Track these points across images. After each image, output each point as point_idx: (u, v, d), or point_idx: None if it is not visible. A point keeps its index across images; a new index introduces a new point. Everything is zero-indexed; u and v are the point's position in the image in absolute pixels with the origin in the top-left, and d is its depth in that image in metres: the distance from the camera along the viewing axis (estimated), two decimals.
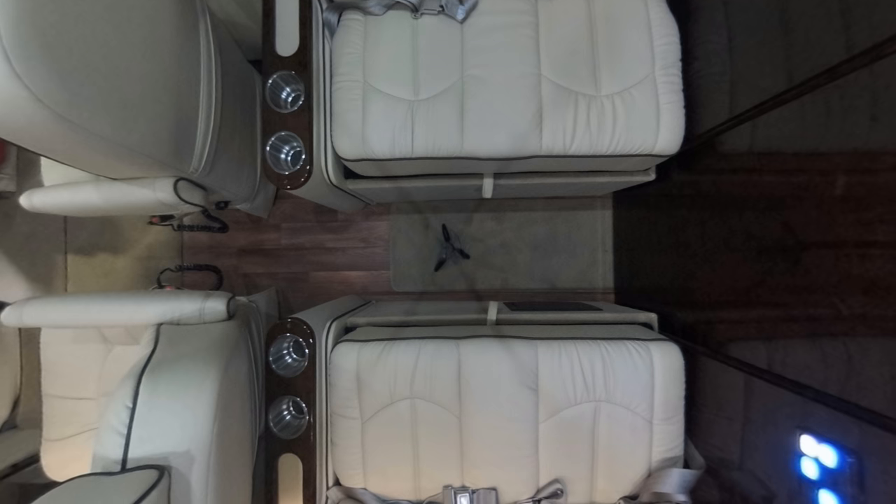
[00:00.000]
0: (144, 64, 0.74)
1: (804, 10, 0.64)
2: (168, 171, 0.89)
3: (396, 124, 0.91)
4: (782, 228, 0.69)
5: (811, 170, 0.64)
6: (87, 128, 0.63)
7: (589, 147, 0.91)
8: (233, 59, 1.11)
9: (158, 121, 0.79)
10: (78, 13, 0.59)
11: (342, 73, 0.93)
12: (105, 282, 1.55)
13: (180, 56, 0.84)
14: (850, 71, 0.56)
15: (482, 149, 0.91)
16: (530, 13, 0.92)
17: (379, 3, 0.93)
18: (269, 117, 0.89)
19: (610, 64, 0.91)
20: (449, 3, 0.92)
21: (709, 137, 0.88)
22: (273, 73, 0.89)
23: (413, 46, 0.93)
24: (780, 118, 0.70)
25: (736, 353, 0.81)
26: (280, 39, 0.90)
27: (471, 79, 0.91)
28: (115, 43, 0.67)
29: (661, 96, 0.90)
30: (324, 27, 0.96)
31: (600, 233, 1.45)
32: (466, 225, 1.48)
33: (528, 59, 0.90)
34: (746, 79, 0.77)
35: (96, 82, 0.63)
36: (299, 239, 1.53)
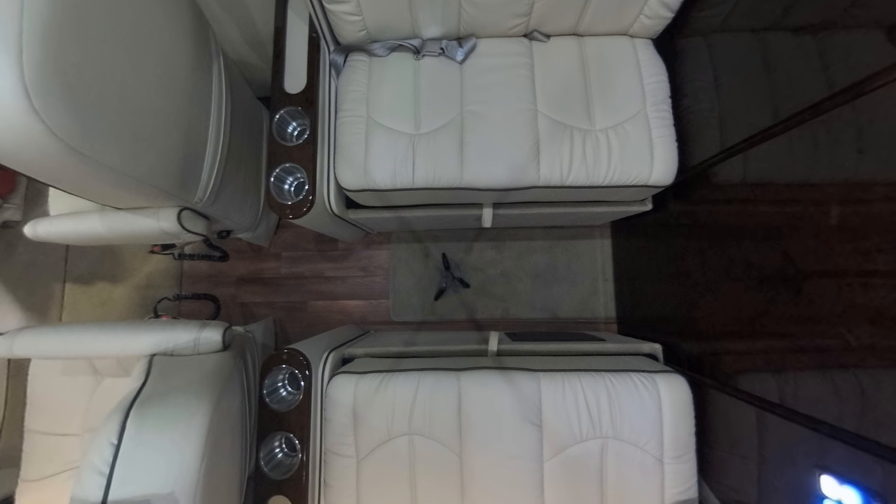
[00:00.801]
0: (158, 100, 0.77)
1: (783, 52, 0.68)
2: (173, 200, 0.91)
3: (398, 156, 0.93)
4: (782, 258, 0.69)
5: (805, 200, 0.65)
6: (97, 159, 0.65)
7: (586, 178, 0.93)
8: (242, 95, 1.17)
9: (167, 153, 0.82)
10: (99, 54, 0.63)
11: (347, 109, 0.97)
12: (101, 311, 1.53)
13: (193, 93, 0.88)
14: (833, 107, 0.59)
15: (481, 179, 0.93)
16: (526, 55, 0.98)
17: (383, 45, 0.99)
18: (274, 150, 0.92)
19: (603, 100, 0.96)
20: (449, 46, 0.97)
21: (702, 169, 0.91)
22: (280, 109, 0.93)
23: (415, 85, 0.98)
24: (769, 151, 0.72)
25: (745, 386, 0.78)
26: (289, 78, 0.95)
27: (470, 114, 0.94)
28: (132, 81, 0.70)
29: (654, 130, 0.93)
30: (330, 67, 1.02)
31: (600, 262, 1.45)
32: (466, 254, 1.48)
33: (524, 95, 0.95)
34: (734, 114, 0.81)
35: (110, 116, 0.66)
36: (299, 268, 1.53)
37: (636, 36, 0.98)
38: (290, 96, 0.94)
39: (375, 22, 0.93)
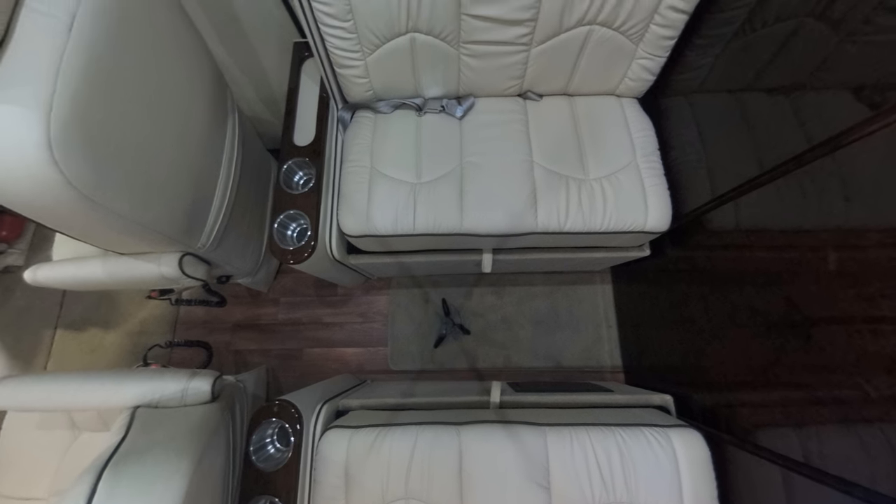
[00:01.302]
0: (173, 152, 0.81)
1: (760, 110, 0.73)
2: (176, 246, 0.92)
3: (400, 203, 0.96)
4: (786, 304, 0.68)
5: (801, 246, 0.65)
6: (108, 207, 0.66)
7: (583, 224, 0.95)
8: (253, 147, 1.23)
9: (176, 200, 0.84)
10: (123, 112, 0.67)
11: (351, 160, 1.02)
12: (89, 359, 1.48)
13: (207, 146, 0.93)
14: (814, 159, 0.62)
15: (481, 225, 0.95)
16: (520, 112, 1.05)
17: (388, 103, 1.06)
18: (280, 197, 0.95)
19: (595, 152, 1.01)
20: (449, 104, 1.05)
21: (696, 216, 0.93)
22: (289, 160, 0.97)
23: (417, 138, 1.04)
24: (759, 199, 0.74)
25: (766, 443, 0.73)
26: (298, 132, 1.01)
27: (469, 165, 0.99)
28: (150, 134, 0.74)
29: (646, 180, 0.97)
30: (338, 123, 1.09)
31: (602, 308, 1.43)
32: (467, 299, 1.47)
33: (520, 148, 1.00)
34: (721, 165, 0.84)
35: (125, 166, 0.69)
36: (297, 314, 1.50)
37: (622, 96, 1.06)
38: (298, 148, 0.99)
39: (381, 83, 1.01)
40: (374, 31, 0.88)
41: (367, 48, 0.91)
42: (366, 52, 0.92)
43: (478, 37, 0.89)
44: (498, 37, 0.89)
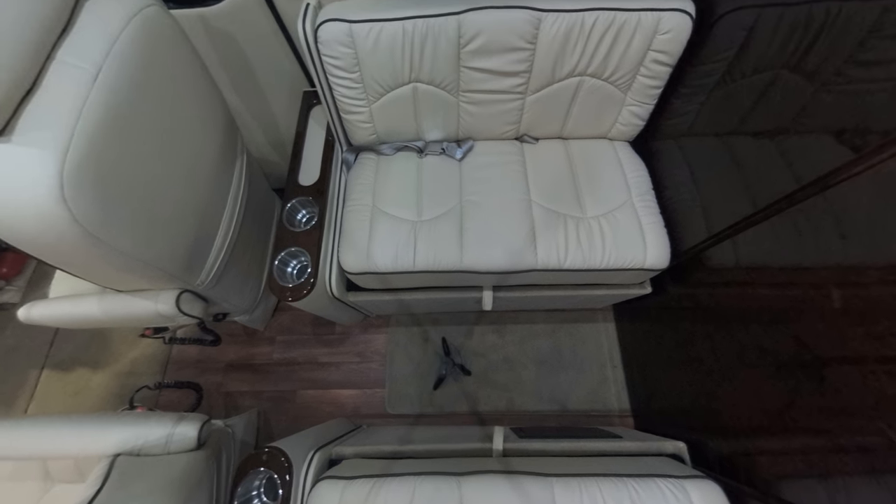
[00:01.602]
0: (181, 191, 0.83)
1: (747, 152, 0.76)
2: (175, 283, 0.91)
3: (400, 241, 0.97)
4: (794, 343, 0.66)
5: (803, 283, 0.65)
6: (111, 244, 0.67)
7: (582, 262, 0.95)
8: (259, 187, 1.27)
9: (179, 237, 0.85)
10: (136, 152, 0.70)
11: (354, 199, 1.05)
12: (73, 402, 1.42)
13: (214, 186, 0.96)
14: (805, 198, 0.63)
15: (481, 262, 0.95)
16: (518, 153, 1.09)
17: (390, 146, 1.11)
18: (282, 234, 0.96)
19: (591, 192, 1.03)
20: (449, 147, 1.10)
21: (694, 253, 0.93)
22: (293, 198, 1.00)
23: (418, 179, 1.08)
24: (756, 236, 0.75)
25: (790, 496, 0.68)
26: (303, 173, 1.05)
27: (469, 203, 1.01)
28: (160, 173, 0.77)
29: (642, 218, 0.99)
30: (342, 164, 1.13)
31: (606, 347, 1.40)
32: (467, 338, 1.43)
33: (518, 187, 1.03)
34: (716, 204, 0.86)
35: (132, 205, 0.70)
36: (292, 353, 1.46)
37: (615, 139, 1.11)
38: (303, 188, 1.02)
39: (385, 128, 1.06)
40: (379, 82, 0.94)
41: (372, 96, 0.97)
42: (371, 99, 0.98)
43: (476, 86, 0.95)
44: (495, 86, 0.95)
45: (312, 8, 0.85)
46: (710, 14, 0.81)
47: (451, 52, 0.88)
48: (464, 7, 0.83)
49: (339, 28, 0.84)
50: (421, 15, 0.83)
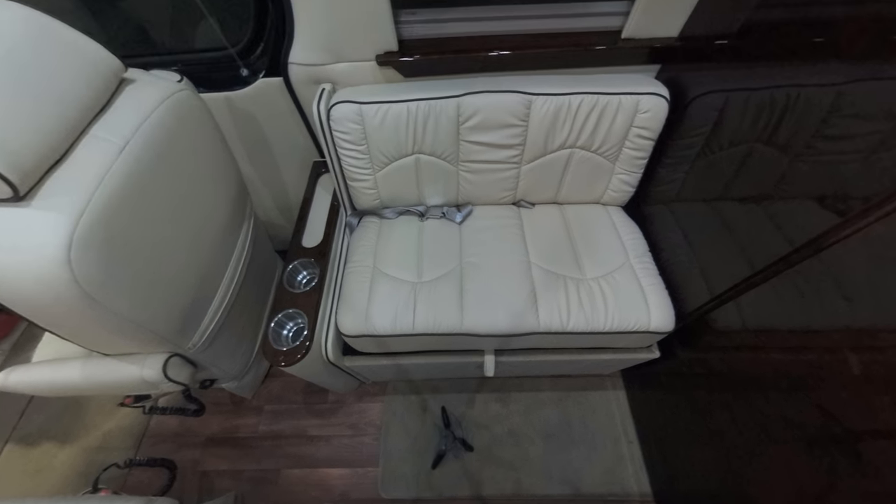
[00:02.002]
0: (186, 252, 0.85)
1: (736, 216, 0.79)
2: (166, 346, 0.88)
3: (400, 302, 0.96)
4: (820, 413, 0.62)
5: (815, 347, 0.63)
6: (107, 306, 0.66)
7: (585, 324, 0.93)
8: (263, 249, 1.29)
9: (177, 297, 0.84)
10: (147, 217, 0.72)
11: (355, 261, 1.06)
12: (32, 482, 1.28)
13: (219, 247, 0.98)
14: (801, 260, 0.64)
15: (482, 325, 0.93)
16: (515, 217, 1.13)
17: (393, 210, 1.16)
18: (282, 296, 0.95)
19: (589, 254, 1.05)
20: (449, 211, 1.14)
21: (699, 315, 0.92)
22: (295, 260, 1.01)
23: (419, 241, 1.10)
24: (758, 298, 0.74)
25: None
26: (307, 235, 1.08)
27: (469, 265, 1.02)
28: (168, 235, 0.78)
29: (642, 279, 0.99)
30: (345, 227, 1.17)
31: (619, 418, 1.30)
32: (468, 408, 1.34)
33: (517, 249, 1.05)
34: (713, 266, 0.87)
35: (136, 265, 0.71)
36: (280, 425, 1.35)
37: (607, 204, 1.16)
38: (306, 250, 1.04)
39: (388, 194, 1.12)
40: (385, 153, 1.01)
41: (377, 166, 1.04)
42: (376, 168, 1.05)
43: (474, 157, 1.02)
44: (492, 157, 1.02)
45: (327, 92, 0.95)
46: (683, 97, 0.90)
47: (451, 128, 0.97)
48: (462, 91, 0.93)
49: (350, 108, 0.93)
50: (424, 98, 0.93)
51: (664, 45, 0.90)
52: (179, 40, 1.10)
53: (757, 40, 0.75)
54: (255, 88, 1.01)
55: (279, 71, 0.96)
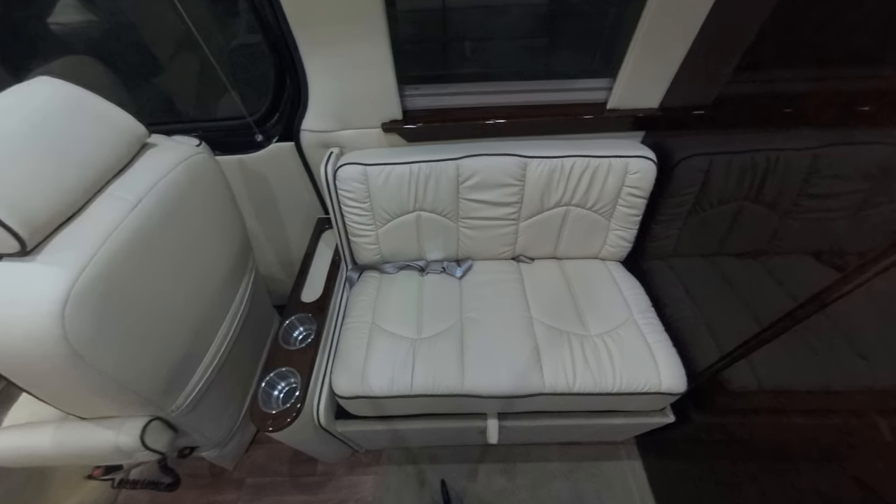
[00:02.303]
0: (182, 307, 0.83)
1: (735, 271, 0.80)
2: (148, 408, 0.83)
3: (398, 360, 0.92)
4: (858, 487, 0.56)
5: (840, 410, 0.59)
6: (93, 363, 0.63)
7: (593, 384, 0.88)
8: (261, 303, 1.28)
9: (167, 354, 0.81)
10: (150, 271, 0.73)
11: (354, 316, 1.04)
12: None
13: (217, 302, 0.97)
14: (807, 315, 0.63)
15: (483, 385, 0.88)
16: (515, 272, 1.14)
17: (393, 265, 1.17)
18: (275, 353, 0.92)
19: (592, 309, 1.04)
20: (449, 266, 1.15)
21: (711, 374, 0.88)
22: (292, 315, 0.99)
23: (419, 295, 1.09)
24: (770, 356, 0.72)
25: None
26: (307, 289, 1.07)
27: (469, 321, 1.00)
28: (167, 289, 0.78)
29: (648, 336, 0.96)
30: (346, 282, 1.16)
31: (637, 493, 1.17)
32: (470, 481, 1.22)
33: (518, 304, 1.04)
34: (719, 321, 0.85)
35: (129, 320, 0.69)
36: (261, 501, 1.22)
37: (606, 259, 1.17)
38: (304, 304, 1.02)
39: (389, 249, 1.13)
40: (387, 210, 1.05)
41: (379, 222, 1.07)
42: (378, 224, 1.07)
43: (473, 214, 1.06)
44: (490, 214, 1.06)
45: (335, 155, 1.02)
46: (669, 159, 0.96)
47: (451, 187, 1.01)
48: (462, 154, 0.99)
49: (355, 169, 0.99)
50: (426, 160, 0.99)
51: (647, 114, 0.98)
52: (202, 110, 1.21)
53: (731, 111, 0.82)
54: (268, 152, 1.08)
55: (291, 136, 1.04)
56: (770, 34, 0.71)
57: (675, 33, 0.82)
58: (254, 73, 1.05)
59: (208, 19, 1.05)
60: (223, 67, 0.96)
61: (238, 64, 1.06)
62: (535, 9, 1.08)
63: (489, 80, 1.02)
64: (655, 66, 0.89)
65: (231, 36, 1.12)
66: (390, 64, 0.88)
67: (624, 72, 0.91)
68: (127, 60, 1.13)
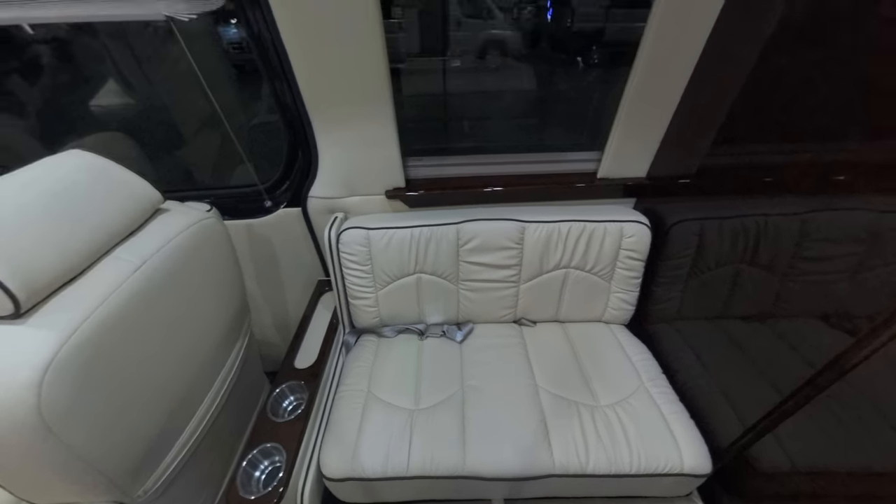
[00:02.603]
0: (170, 372, 0.79)
1: (744, 334, 0.77)
2: (111, 493, 0.74)
3: (393, 434, 0.85)
4: None
5: (886, 496, 0.53)
6: (62, 438, 0.58)
7: (608, 464, 0.80)
8: (251, 370, 1.21)
9: (144, 426, 0.74)
10: (141, 336, 0.70)
11: (348, 383, 0.98)
12: None
13: (205, 366, 0.92)
14: (828, 383, 0.59)
15: (487, 464, 0.80)
16: (518, 336, 1.10)
17: (392, 329, 1.14)
18: (261, 426, 0.85)
19: (600, 377, 0.98)
20: (449, 329, 1.12)
21: (737, 451, 0.80)
22: (284, 383, 0.94)
23: (417, 361, 1.05)
24: (798, 430, 0.66)
25: None
26: (301, 355, 1.03)
27: (471, 389, 0.94)
28: (156, 353, 0.74)
29: (662, 406, 0.90)
30: (342, 346, 1.12)
31: None
32: None
33: (522, 370, 0.99)
34: (736, 390, 0.80)
35: (110, 388, 0.65)
36: None
37: (610, 322, 1.15)
38: (297, 371, 0.98)
39: (389, 312, 1.12)
40: (388, 273, 1.05)
41: (379, 284, 1.07)
42: (378, 287, 1.07)
43: (474, 276, 1.06)
44: (490, 276, 1.06)
45: (339, 219, 1.06)
46: (662, 223, 0.99)
47: (451, 250, 1.03)
48: (462, 219, 1.03)
49: (358, 233, 1.02)
50: (427, 224, 1.02)
51: (636, 183, 1.04)
52: (217, 178, 1.28)
53: (715, 180, 0.87)
54: (275, 217, 1.12)
55: (299, 202, 1.09)
56: (739, 114, 0.79)
57: (653, 115, 0.91)
58: (269, 147, 1.14)
59: (234, 102, 1.17)
60: (242, 142, 1.04)
61: (256, 139, 1.16)
62: (527, 94, 1.22)
63: (487, 153, 1.10)
64: (638, 142, 0.97)
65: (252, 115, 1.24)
66: (395, 140, 0.96)
67: (610, 147, 0.99)
68: (154, 136, 1.24)
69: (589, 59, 4.18)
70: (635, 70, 0.83)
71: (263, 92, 1.18)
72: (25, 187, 0.64)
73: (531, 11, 4.19)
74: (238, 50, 2.22)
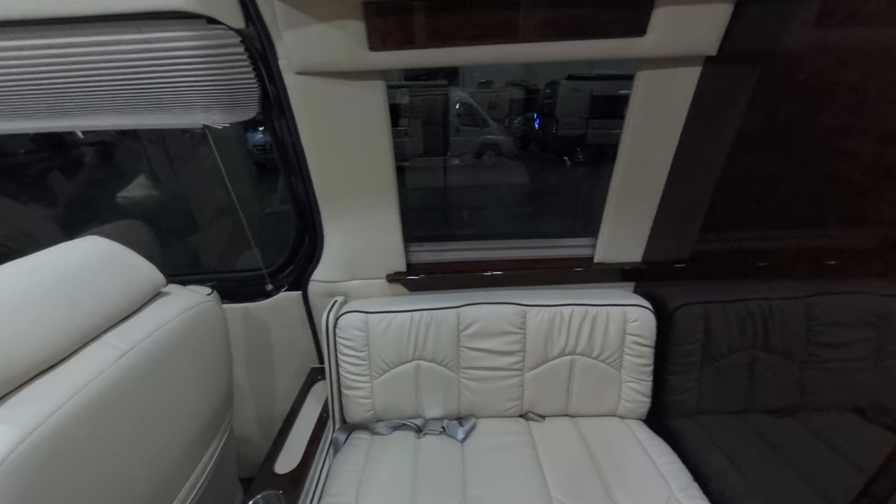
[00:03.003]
0: (133, 476, 0.69)
1: (777, 431, 0.70)
2: None
3: None
4: None
5: None
6: None
7: None
8: (226, 474, 1.07)
9: None
10: (111, 431, 0.64)
11: (333, 493, 0.85)
12: None
13: (175, 470, 0.81)
14: (886, 494, 0.51)
15: None
16: (525, 433, 0.99)
17: (387, 424, 1.03)
18: None
19: (621, 484, 0.86)
20: (450, 425, 1.02)
21: None
22: (259, 492, 0.81)
23: (414, 464, 0.93)
24: None
25: None
26: (283, 457, 0.92)
27: (473, 500, 0.82)
28: (122, 452, 0.66)
29: None
30: (330, 446, 1.01)
31: None
32: None
33: (532, 478, 0.86)
34: (782, 498, 0.69)
35: (66, 489, 0.56)
36: None
37: (626, 417, 1.05)
38: (276, 476, 0.86)
39: (384, 404, 1.03)
40: (385, 359, 1.00)
41: (375, 372, 1.01)
42: (374, 375, 1.01)
43: (475, 364, 1.01)
44: (493, 364, 1.01)
45: (339, 303, 1.05)
46: (665, 308, 0.98)
47: (451, 335, 1.00)
48: (462, 303, 1.02)
49: (357, 317, 1.00)
50: (426, 308, 1.01)
51: (632, 267, 1.06)
52: (223, 262, 1.32)
53: (710, 264, 0.89)
54: (274, 300, 1.12)
55: (300, 286, 1.10)
56: (720, 204, 0.84)
57: (638, 208, 0.98)
58: (277, 234, 1.20)
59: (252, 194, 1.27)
60: (252, 230, 1.10)
61: (265, 226, 1.22)
62: (521, 187, 1.33)
63: (485, 240, 1.15)
64: (630, 229, 1.02)
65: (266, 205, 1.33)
66: (398, 228, 1.01)
67: (603, 233, 1.04)
68: (172, 223, 1.31)
69: (574, 157, 4.77)
70: (617, 169, 0.92)
71: (279, 185, 1.29)
72: (34, 270, 0.65)
73: (521, 121, 4.91)
74: (261, 151, 2.50)
